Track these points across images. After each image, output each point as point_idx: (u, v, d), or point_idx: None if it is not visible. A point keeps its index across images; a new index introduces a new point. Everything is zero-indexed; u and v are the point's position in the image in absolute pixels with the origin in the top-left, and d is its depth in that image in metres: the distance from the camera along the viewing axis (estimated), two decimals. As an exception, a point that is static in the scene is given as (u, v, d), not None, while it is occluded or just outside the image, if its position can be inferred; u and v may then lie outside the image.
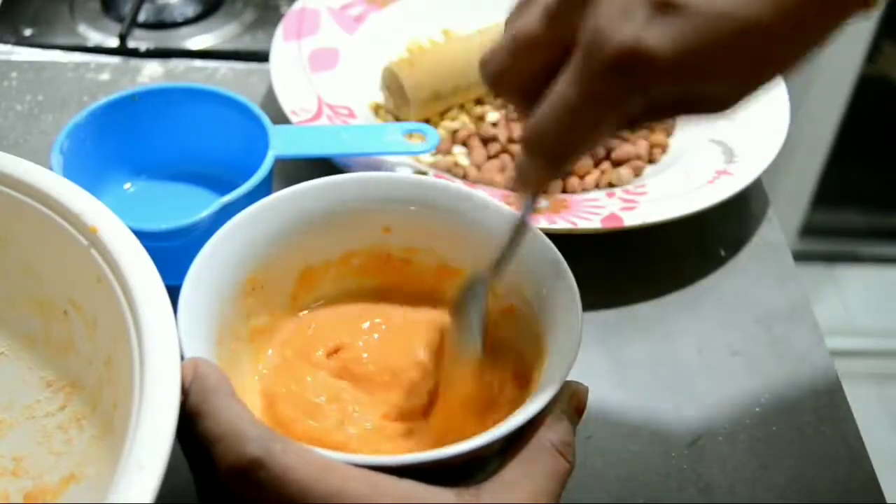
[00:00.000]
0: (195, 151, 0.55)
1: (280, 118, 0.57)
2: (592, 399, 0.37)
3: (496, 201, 0.43)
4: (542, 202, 0.39)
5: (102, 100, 0.53)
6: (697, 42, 0.31)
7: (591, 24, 0.32)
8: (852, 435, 0.48)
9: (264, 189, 0.49)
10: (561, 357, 0.36)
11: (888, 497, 0.46)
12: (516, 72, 0.35)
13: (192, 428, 0.32)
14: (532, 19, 0.34)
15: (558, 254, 0.40)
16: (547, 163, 0.35)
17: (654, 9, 0.31)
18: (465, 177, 0.59)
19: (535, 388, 0.37)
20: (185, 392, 0.32)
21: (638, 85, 0.32)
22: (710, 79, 0.33)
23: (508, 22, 0.36)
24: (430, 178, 0.44)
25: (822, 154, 1.47)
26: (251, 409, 0.33)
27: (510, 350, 0.42)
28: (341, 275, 0.45)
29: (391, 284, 0.45)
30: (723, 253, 0.58)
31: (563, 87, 0.33)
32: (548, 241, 0.41)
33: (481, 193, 0.43)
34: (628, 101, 0.33)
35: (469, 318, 0.40)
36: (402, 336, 0.43)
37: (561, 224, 0.53)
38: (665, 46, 0.31)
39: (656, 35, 0.31)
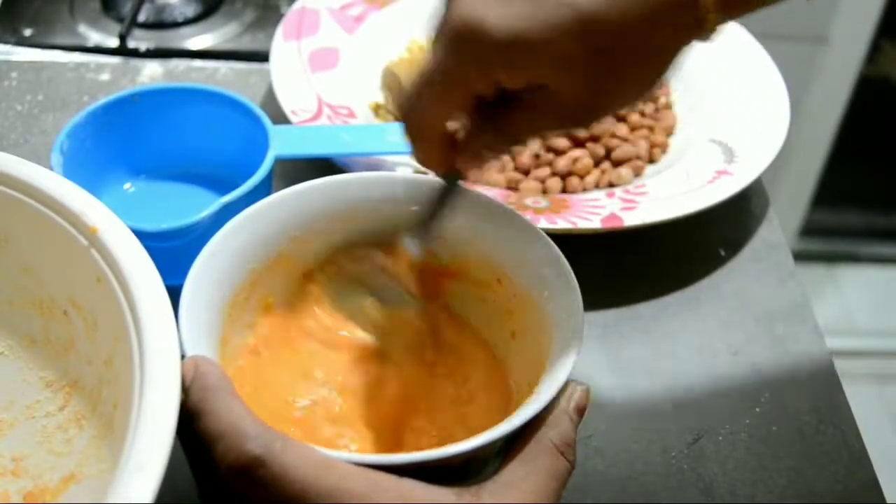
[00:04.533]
0: (195, 151, 0.55)
1: (280, 118, 0.57)
2: (592, 399, 0.37)
3: (498, 201, 0.43)
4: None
5: (102, 100, 0.53)
6: (533, 23, 0.34)
7: (450, 6, 0.36)
8: (852, 435, 0.48)
9: (264, 189, 0.49)
10: (562, 357, 0.36)
11: (888, 497, 0.46)
12: (427, 114, 0.38)
13: (192, 426, 0.32)
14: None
15: (560, 254, 0.40)
16: (415, 135, 0.39)
17: None
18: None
19: (536, 388, 0.37)
20: (185, 391, 0.32)
21: (475, 56, 0.35)
22: (548, 67, 0.35)
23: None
24: (431, 178, 0.44)
25: (822, 154, 1.48)
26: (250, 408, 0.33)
27: (511, 350, 0.42)
28: (342, 275, 0.45)
29: (393, 284, 0.45)
30: (723, 253, 0.58)
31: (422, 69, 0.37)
32: (549, 241, 0.41)
33: (482, 193, 0.43)
34: (470, 76, 0.36)
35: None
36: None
37: (561, 224, 0.53)
38: (501, 23, 0.34)
39: (496, 12, 0.34)
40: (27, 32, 0.71)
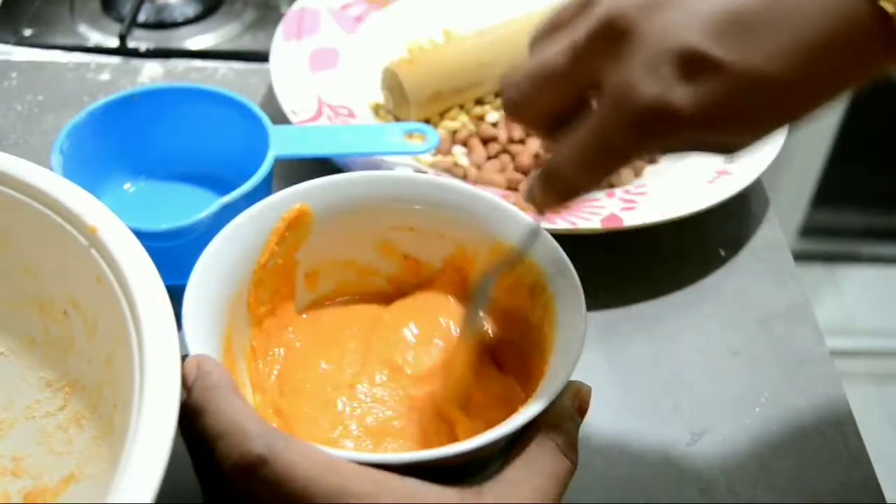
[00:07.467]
0: (195, 151, 0.55)
1: (280, 118, 0.57)
2: (592, 399, 0.37)
3: (501, 200, 0.43)
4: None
5: (102, 100, 0.53)
6: (723, 98, 0.32)
7: (618, 78, 0.32)
8: (852, 435, 0.48)
9: (264, 189, 0.49)
10: (564, 357, 0.36)
11: (888, 497, 0.46)
12: (536, 104, 0.36)
13: (195, 425, 0.32)
14: (558, 55, 0.34)
15: (563, 254, 0.40)
16: (559, 197, 0.36)
17: (681, 66, 0.31)
18: (465, 177, 0.59)
19: (538, 388, 0.37)
20: (188, 389, 0.32)
21: (658, 138, 0.33)
22: (727, 130, 0.33)
23: (533, 48, 0.36)
24: (434, 177, 0.44)
25: (822, 154, 1.47)
26: (253, 407, 0.33)
27: (514, 350, 0.42)
28: (345, 274, 0.45)
29: (396, 283, 0.45)
30: (723, 253, 0.58)
31: (585, 135, 0.34)
32: (553, 241, 0.41)
33: (485, 192, 0.43)
34: (645, 150, 0.34)
35: (475, 310, 0.41)
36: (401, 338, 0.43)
37: (561, 224, 0.53)
38: (690, 104, 0.31)
39: (683, 93, 0.31)
40: (27, 32, 0.71)
